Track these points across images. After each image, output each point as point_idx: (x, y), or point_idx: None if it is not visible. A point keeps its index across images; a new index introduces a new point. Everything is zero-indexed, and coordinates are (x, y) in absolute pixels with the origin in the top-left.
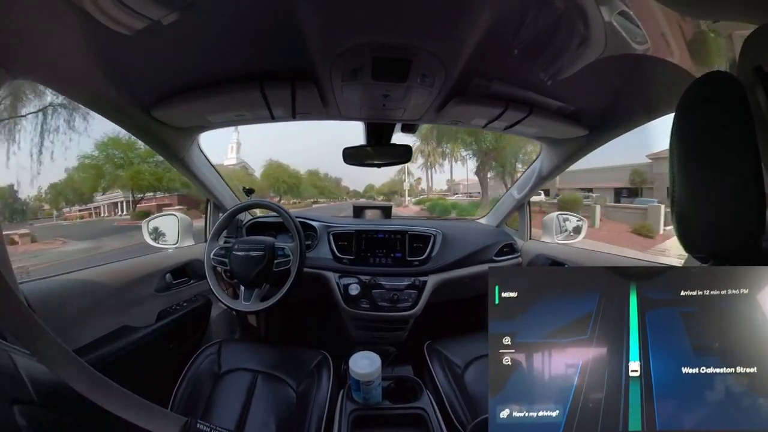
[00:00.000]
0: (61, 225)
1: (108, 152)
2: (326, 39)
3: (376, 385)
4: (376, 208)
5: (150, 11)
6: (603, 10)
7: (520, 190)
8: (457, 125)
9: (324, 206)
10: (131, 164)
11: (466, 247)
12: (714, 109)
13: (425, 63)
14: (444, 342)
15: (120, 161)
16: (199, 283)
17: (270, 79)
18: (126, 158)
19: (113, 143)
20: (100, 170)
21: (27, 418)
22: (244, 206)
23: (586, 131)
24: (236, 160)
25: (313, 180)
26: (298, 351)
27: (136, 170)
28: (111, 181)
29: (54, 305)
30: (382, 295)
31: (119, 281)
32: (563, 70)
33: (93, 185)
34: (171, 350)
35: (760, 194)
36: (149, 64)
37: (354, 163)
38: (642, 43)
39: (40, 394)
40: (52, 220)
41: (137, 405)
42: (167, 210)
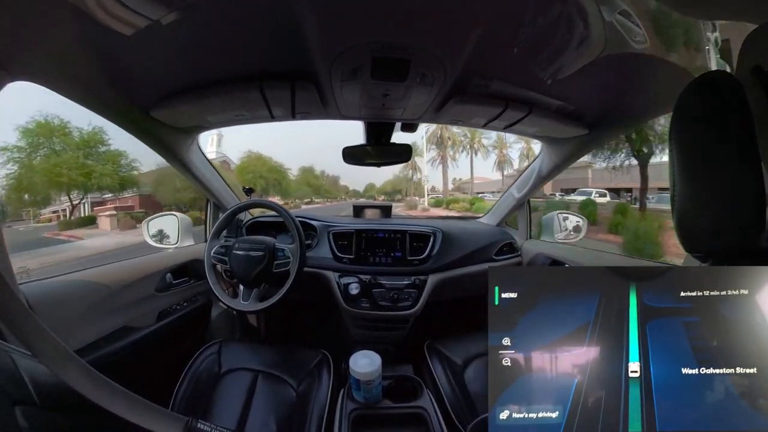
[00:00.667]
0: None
1: (33, 140)
2: (326, 39)
3: (376, 385)
4: (376, 208)
5: (150, 11)
6: (603, 9)
7: (519, 190)
8: (456, 124)
9: (317, 207)
10: (55, 156)
11: (466, 247)
12: (713, 108)
13: (425, 62)
14: (444, 341)
15: (48, 152)
16: (199, 283)
17: (269, 79)
18: (51, 150)
19: (41, 129)
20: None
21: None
22: (244, 206)
23: (585, 130)
24: (216, 154)
25: (307, 178)
26: (299, 350)
27: (54, 164)
28: (25, 179)
29: (54, 306)
30: (382, 294)
31: (119, 281)
32: (563, 70)
33: (18, 185)
34: (171, 350)
35: (759, 193)
36: (149, 64)
37: (354, 162)
38: (641, 43)
39: (42, 395)
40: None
41: (138, 405)
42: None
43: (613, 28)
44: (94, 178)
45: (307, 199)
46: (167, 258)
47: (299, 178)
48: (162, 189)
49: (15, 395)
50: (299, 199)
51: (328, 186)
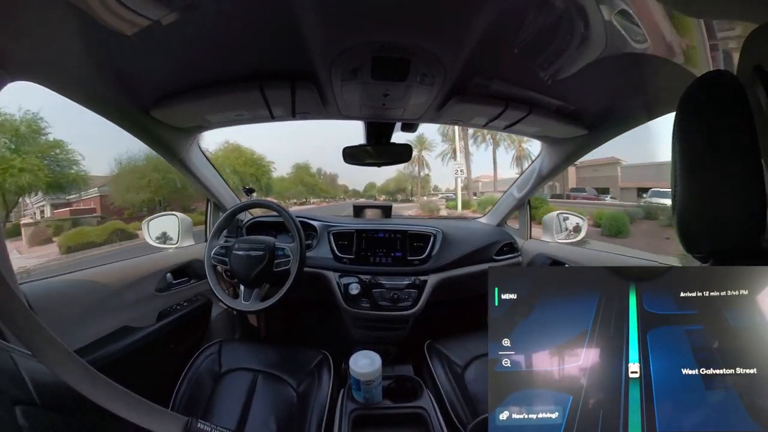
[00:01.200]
0: None
1: None
2: (326, 39)
3: (376, 385)
4: (376, 208)
5: (150, 11)
6: (603, 9)
7: (520, 190)
8: (457, 124)
9: (311, 208)
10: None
11: (466, 247)
12: (714, 108)
13: (425, 62)
14: (444, 341)
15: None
16: (200, 283)
17: (270, 78)
18: None
19: None
20: None
21: (28, 419)
22: (244, 206)
23: (585, 130)
24: None
25: (301, 176)
26: (299, 351)
27: None
28: None
29: (54, 305)
30: (382, 294)
31: (120, 281)
32: (563, 70)
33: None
34: (171, 350)
35: (760, 193)
36: (149, 64)
37: (354, 162)
38: (642, 42)
39: (42, 394)
40: None
41: (138, 405)
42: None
43: (613, 29)
44: (10, 176)
45: (300, 200)
46: (167, 258)
47: (292, 176)
48: (118, 189)
49: (15, 395)
50: (288, 199)
51: (324, 185)
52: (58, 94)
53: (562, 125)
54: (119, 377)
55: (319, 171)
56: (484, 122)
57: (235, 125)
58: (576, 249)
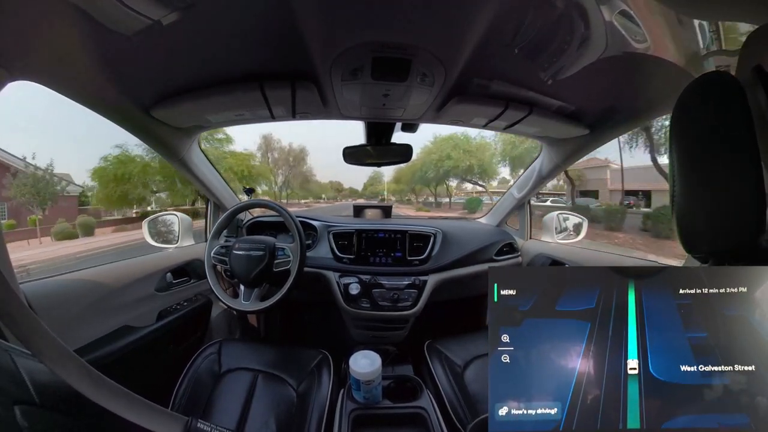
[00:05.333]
0: None
1: None
2: (326, 39)
3: (376, 385)
4: (376, 208)
5: (150, 11)
6: (603, 9)
7: (520, 190)
8: (457, 124)
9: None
10: None
11: (466, 247)
12: (713, 108)
13: (425, 62)
14: (444, 341)
15: None
16: (200, 283)
17: (270, 78)
18: None
19: None
20: None
21: (28, 419)
22: (244, 206)
23: (586, 131)
24: None
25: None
26: (299, 350)
27: None
28: None
29: (54, 305)
30: (382, 294)
31: (120, 281)
32: (563, 70)
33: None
34: (171, 350)
35: (759, 194)
36: (149, 64)
37: (354, 162)
38: (642, 43)
39: (42, 394)
40: None
41: (138, 405)
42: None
43: (613, 29)
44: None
45: (300, 200)
46: (167, 258)
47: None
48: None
49: (15, 395)
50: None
51: (316, 188)
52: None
53: (563, 125)
54: (119, 377)
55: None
56: (485, 122)
57: (235, 125)
58: (576, 249)
